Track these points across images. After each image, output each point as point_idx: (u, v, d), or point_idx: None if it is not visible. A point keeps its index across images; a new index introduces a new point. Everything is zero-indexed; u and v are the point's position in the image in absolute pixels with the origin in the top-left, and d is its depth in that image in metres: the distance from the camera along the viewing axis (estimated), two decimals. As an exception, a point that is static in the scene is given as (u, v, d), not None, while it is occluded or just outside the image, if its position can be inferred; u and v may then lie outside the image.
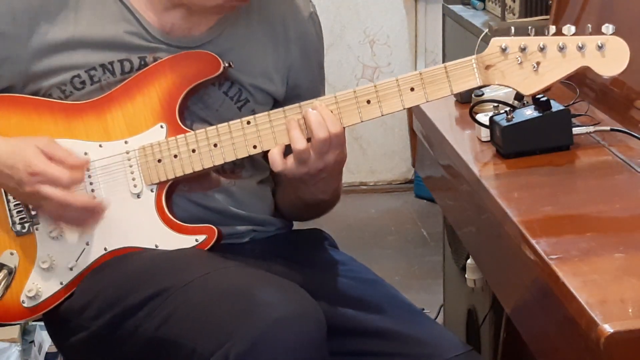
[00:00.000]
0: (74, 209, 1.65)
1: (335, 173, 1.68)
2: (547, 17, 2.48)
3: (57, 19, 1.69)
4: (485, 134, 1.88)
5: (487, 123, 1.86)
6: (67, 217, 1.67)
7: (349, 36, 4.77)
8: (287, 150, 1.63)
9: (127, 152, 1.68)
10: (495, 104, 1.85)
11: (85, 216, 1.67)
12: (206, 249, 1.67)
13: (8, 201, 1.71)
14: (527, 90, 1.60)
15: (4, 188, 1.70)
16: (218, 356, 1.45)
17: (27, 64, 1.70)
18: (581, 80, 2.03)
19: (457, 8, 3.17)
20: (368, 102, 1.63)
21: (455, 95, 2.17)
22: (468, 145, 1.92)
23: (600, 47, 1.56)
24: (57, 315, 1.71)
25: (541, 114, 1.78)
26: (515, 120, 1.79)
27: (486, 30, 2.73)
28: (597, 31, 1.57)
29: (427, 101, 1.62)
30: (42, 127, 1.69)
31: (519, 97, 1.87)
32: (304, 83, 1.82)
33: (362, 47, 4.78)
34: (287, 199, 1.81)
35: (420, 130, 2.25)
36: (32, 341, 2.96)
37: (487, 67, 1.60)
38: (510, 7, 2.80)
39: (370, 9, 4.75)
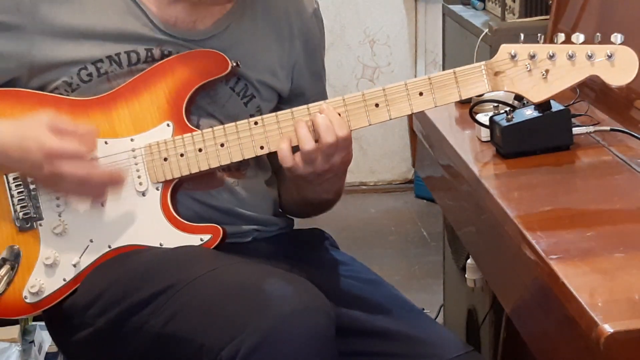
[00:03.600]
0: (96, 182, 1.64)
1: (340, 173, 1.69)
2: (547, 17, 2.48)
3: (61, 10, 1.69)
4: (485, 134, 1.88)
5: (487, 123, 1.86)
6: (89, 192, 1.65)
7: (349, 36, 4.77)
8: (294, 149, 1.63)
9: (133, 150, 1.68)
10: (495, 104, 1.85)
11: (108, 187, 1.66)
12: (211, 248, 1.67)
13: (12, 196, 1.71)
14: (536, 97, 1.60)
15: (20, 172, 1.68)
16: (228, 350, 1.45)
17: (32, 56, 1.69)
18: (581, 80, 2.03)
19: (457, 8, 3.17)
20: (376, 105, 1.63)
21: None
22: (468, 145, 1.92)
23: (609, 57, 1.56)
24: (60, 313, 1.70)
25: (541, 114, 1.78)
26: (515, 120, 1.79)
27: (486, 30, 2.72)
28: (606, 38, 1.57)
29: (436, 106, 1.63)
30: None
31: (519, 97, 1.87)
32: (307, 79, 1.83)
33: (362, 47, 4.78)
34: (290, 197, 1.82)
35: (420, 130, 2.25)
36: (32, 341, 2.96)
37: (497, 74, 1.61)
38: (510, 7, 2.80)
39: (370, 9, 4.75)
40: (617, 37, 1.56)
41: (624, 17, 2.00)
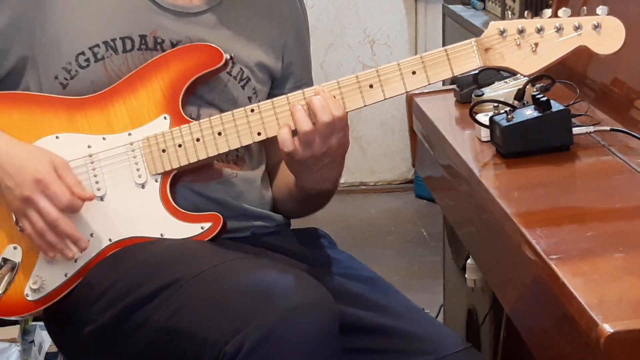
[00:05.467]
0: (58, 233, 1.64)
1: (338, 159, 1.69)
2: (547, 17, 2.48)
3: None
4: (485, 134, 1.88)
5: (487, 123, 1.86)
6: (46, 238, 1.65)
7: (349, 36, 4.77)
8: (292, 134, 1.64)
9: (131, 144, 1.69)
10: (495, 104, 1.85)
11: (64, 246, 1.65)
12: (210, 237, 1.68)
13: None
14: (527, 70, 1.62)
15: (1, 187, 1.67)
16: (232, 344, 1.46)
17: (32, 36, 1.70)
18: (581, 80, 2.03)
19: (457, 8, 3.17)
20: (371, 86, 1.64)
21: (455, 94, 2.17)
22: (468, 145, 1.92)
23: (596, 27, 1.59)
24: (61, 310, 1.71)
25: (541, 114, 1.78)
26: (515, 120, 1.79)
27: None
28: (592, 13, 1.60)
29: (429, 83, 1.65)
30: (44, 122, 1.70)
31: (519, 97, 1.87)
32: (297, 60, 1.86)
33: (362, 47, 4.78)
34: (287, 194, 1.82)
35: (420, 130, 2.26)
36: (32, 341, 2.97)
37: (487, 50, 1.63)
38: (510, 7, 2.81)
39: (370, 9, 4.75)
40: (602, 10, 1.59)
41: (624, 17, 2.00)
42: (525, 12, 1.63)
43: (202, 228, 1.68)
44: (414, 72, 1.64)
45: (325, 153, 1.65)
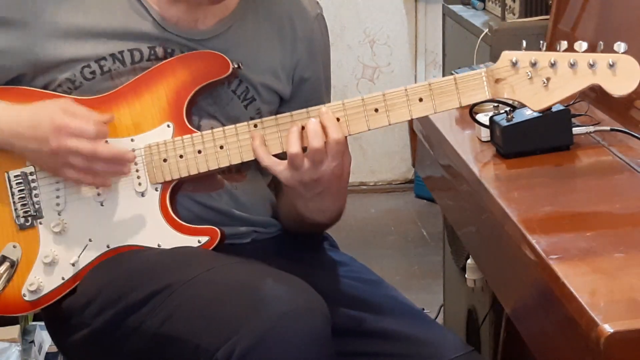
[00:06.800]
0: (103, 160, 1.63)
1: (332, 190, 1.66)
2: (547, 17, 2.48)
3: (64, 7, 1.69)
4: (485, 134, 1.88)
5: (487, 123, 1.86)
6: (95, 170, 1.64)
7: (349, 36, 4.77)
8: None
9: (133, 150, 1.68)
10: (495, 104, 1.85)
11: (115, 168, 1.65)
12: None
13: (12, 194, 1.71)
14: (537, 105, 1.58)
15: (27, 154, 1.67)
16: (223, 351, 1.45)
17: (35, 54, 1.69)
18: (581, 80, 2.03)
19: (457, 8, 3.17)
20: (376, 110, 1.62)
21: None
22: (468, 145, 1.92)
23: (611, 66, 1.54)
24: (59, 313, 1.71)
25: (541, 114, 1.78)
26: (515, 120, 1.79)
27: (486, 30, 2.72)
28: (608, 43, 1.56)
29: (435, 112, 1.61)
30: None
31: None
32: (309, 81, 1.82)
33: (362, 47, 4.78)
34: (287, 211, 1.80)
35: (420, 130, 2.26)
36: (32, 341, 2.97)
37: (497, 81, 1.59)
38: (510, 7, 2.80)
39: (370, 9, 4.75)
40: (620, 46, 1.54)
41: (624, 18, 2.00)
42: (540, 42, 1.60)
43: (199, 242, 1.67)
44: (420, 100, 1.61)
45: (316, 181, 1.61)
